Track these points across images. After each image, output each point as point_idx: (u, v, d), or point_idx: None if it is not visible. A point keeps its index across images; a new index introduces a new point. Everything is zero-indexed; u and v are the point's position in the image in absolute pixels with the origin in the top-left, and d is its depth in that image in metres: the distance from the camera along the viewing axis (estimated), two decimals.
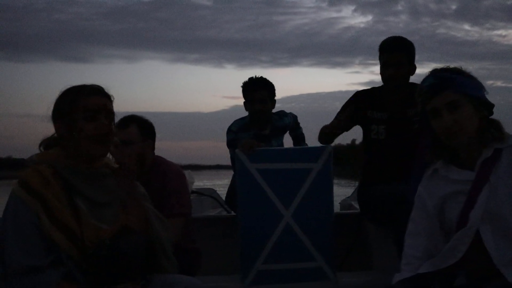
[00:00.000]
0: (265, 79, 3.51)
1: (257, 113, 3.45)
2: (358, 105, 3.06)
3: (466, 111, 1.77)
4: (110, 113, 1.82)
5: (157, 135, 2.84)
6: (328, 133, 3.03)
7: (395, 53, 2.94)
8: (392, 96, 3.01)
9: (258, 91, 3.44)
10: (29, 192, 1.64)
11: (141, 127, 2.71)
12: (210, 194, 4.99)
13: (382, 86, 3.07)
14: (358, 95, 3.13)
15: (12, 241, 1.60)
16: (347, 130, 3.15)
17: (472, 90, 1.79)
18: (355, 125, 3.12)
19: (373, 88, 3.16)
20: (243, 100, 3.56)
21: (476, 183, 1.77)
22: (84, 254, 1.65)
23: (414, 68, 3.01)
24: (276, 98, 3.57)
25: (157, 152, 2.85)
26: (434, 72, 1.85)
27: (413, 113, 2.96)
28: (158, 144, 2.85)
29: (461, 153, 1.84)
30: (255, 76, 3.53)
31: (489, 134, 1.80)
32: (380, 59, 3.01)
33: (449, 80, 1.79)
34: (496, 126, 1.82)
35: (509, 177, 1.74)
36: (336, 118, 3.10)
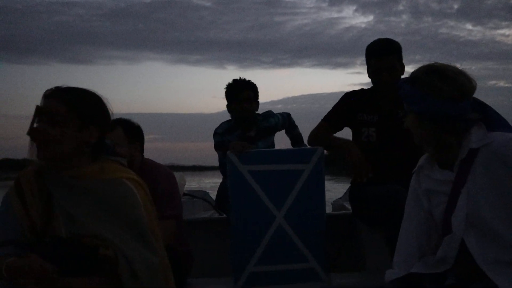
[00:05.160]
0: (248, 80, 3.51)
1: (243, 112, 3.43)
2: (348, 107, 3.04)
3: (410, 122, 1.89)
4: (52, 115, 1.68)
5: (159, 136, 2.81)
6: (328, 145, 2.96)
7: (387, 58, 2.88)
8: (382, 98, 2.97)
9: (244, 91, 3.43)
10: (15, 184, 1.77)
11: (126, 129, 2.66)
12: (202, 196, 4.97)
13: (371, 87, 3.04)
14: (348, 97, 3.09)
15: None
16: (338, 131, 3.14)
17: (412, 104, 1.84)
18: (346, 126, 3.10)
19: (362, 90, 3.10)
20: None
21: (455, 184, 1.76)
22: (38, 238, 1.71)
23: (404, 67, 2.96)
24: (277, 98, 3.61)
25: (159, 153, 2.82)
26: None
27: (404, 114, 2.93)
28: (159, 145, 2.81)
29: (440, 153, 1.84)
30: (239, 78, 3.52)
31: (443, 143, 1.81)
32: (369, 63, 2.96)
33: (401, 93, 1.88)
34: (457, 134, 1.80)
35: (485, 178, 1.71)
36: (326, 120, 3.08)
